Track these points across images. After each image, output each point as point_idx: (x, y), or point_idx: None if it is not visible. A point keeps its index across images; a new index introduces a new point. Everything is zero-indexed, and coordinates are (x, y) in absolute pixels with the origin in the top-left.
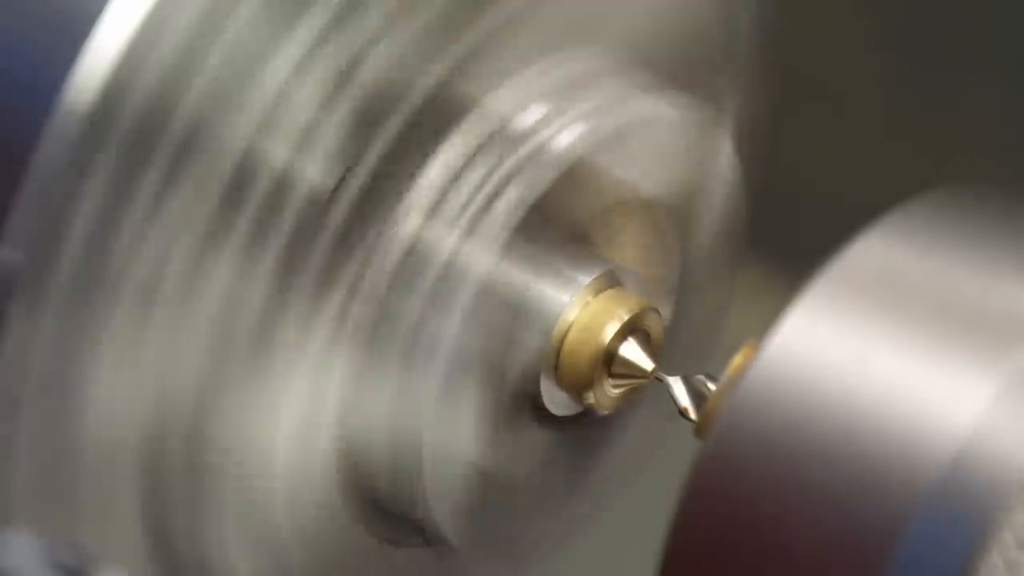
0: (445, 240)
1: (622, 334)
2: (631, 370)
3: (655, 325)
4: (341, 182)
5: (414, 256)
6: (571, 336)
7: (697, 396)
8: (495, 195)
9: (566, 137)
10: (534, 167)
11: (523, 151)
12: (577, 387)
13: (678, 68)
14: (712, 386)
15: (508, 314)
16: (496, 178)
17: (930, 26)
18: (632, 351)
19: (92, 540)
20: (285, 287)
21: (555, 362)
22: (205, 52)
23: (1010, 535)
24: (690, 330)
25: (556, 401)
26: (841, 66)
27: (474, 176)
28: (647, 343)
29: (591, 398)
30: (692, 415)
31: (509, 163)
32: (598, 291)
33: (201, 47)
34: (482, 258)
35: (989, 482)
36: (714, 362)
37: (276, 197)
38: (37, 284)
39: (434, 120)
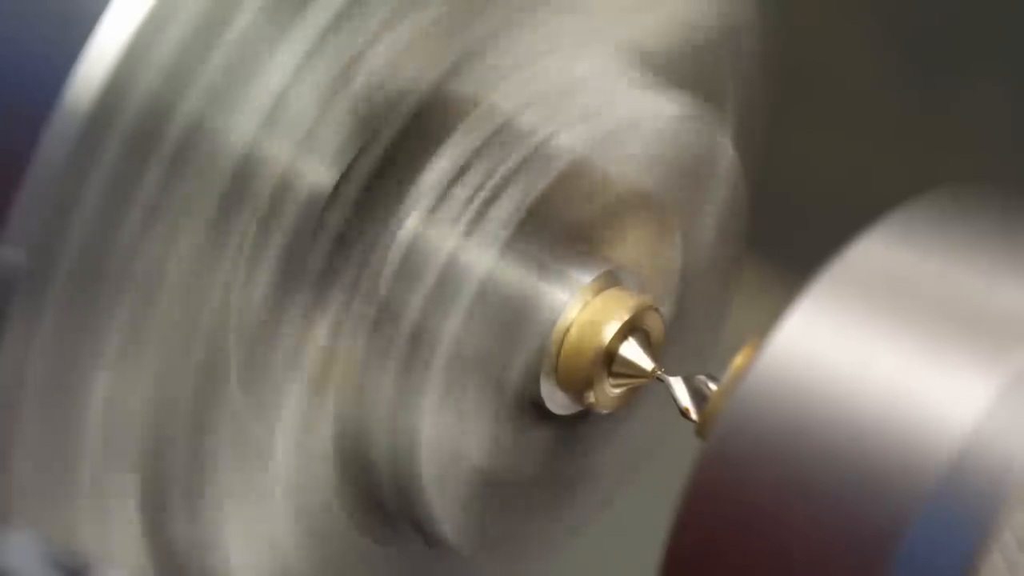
0: (445, 240)
1: (622, 334)
2: (631, 370)
3: (655, 325)
4: (341, 182)
5: (414, 256)
6: (571, 336)
7: (698, 396)
8: (495, 195)
9: (566, 137)
10: (534, 167)
11: (523, 151)
12: (577, 387)
13: (678, 67)
14: (713, 386)
15: (508, 314)
16: (496, 178)
17: (930, 26)
18: (632, 351)
19: (92, 540)
20: (285, 287)
21: (555, 362)
22: (205, 52)
23: (1011, 536)
24: (690, 330)
25: (556, 401)
26: (841, 66)
27: (474, 176)
28: (647, 343)
29: (591, 398)
30: (693, 415)
31: (509, 163)
32: (598, 291)
33: (201, 47)
34: (482, 258)
35: (990, 483)
36: (715, 362)
37: (276, 197)
38: (37, 284)
39: (434, 120)
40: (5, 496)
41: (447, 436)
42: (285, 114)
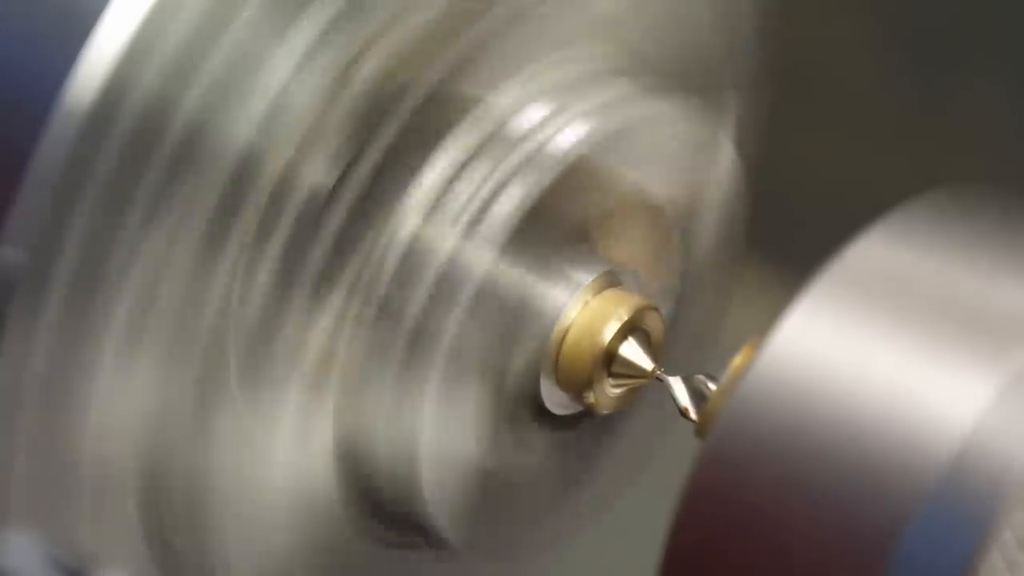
0: (445, 240)
1: (622, 334)
2: (631, 370)
3: (655, 325)
4: (341, 182)
5: (414, 256)
6: (571, 336)
7: (698, 396)
8: (495, 195)
9: (567, 137)
10: (534, 167)
11: (523, 151)
12: (577, 387)
13: (679, 68)
14: (713, 386)
15: (508, 314)
16: (496, 178)
17: (930, 26)
18: (632, 351)
19: (92, 540)
20: (285, 287)
21: (555, 362)
22: (205, 52)
23: (1010, 535)
24: (690, 330)
25: (556, 401)
26: (841, 66)
27: (474, 176)
28: (647, 343)
29: (591, 398)
30: (692, 415)
31: (509, 163)
32: (598, 291)
33: (201, 47)
34: (482, 258)
35: (989, 482)
36: (714, 362)
37: (276, 197)
38: (37, 284)
39: (434, 120)
40: (5, 496)
41: (447, 436)
42: (285, 114)
